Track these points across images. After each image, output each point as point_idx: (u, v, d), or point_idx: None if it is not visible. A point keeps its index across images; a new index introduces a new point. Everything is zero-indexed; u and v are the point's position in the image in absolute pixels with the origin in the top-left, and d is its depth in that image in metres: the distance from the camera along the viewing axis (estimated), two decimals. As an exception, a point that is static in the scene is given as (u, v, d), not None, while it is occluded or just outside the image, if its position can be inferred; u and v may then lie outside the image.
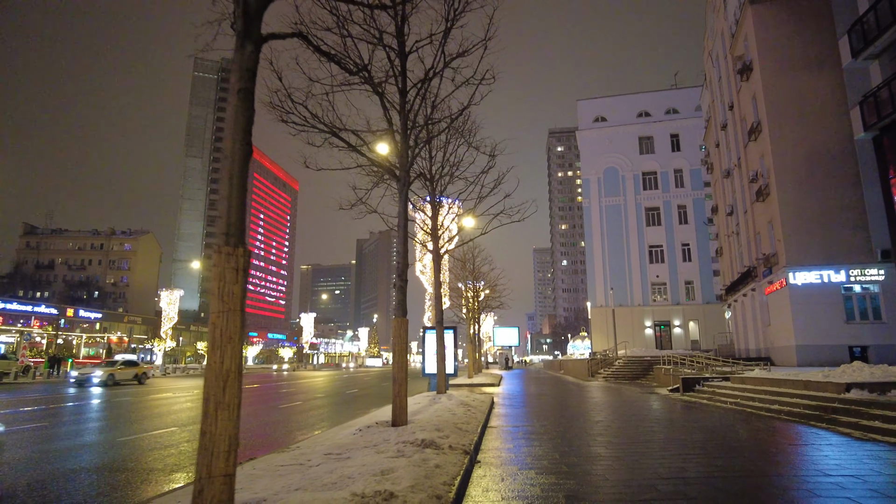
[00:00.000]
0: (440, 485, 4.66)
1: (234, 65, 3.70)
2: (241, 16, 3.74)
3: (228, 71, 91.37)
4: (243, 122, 3.58)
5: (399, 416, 8.13)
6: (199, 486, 3.13)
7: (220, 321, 3.33)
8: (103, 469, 6.84)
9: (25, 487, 5.83)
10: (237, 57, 3.70)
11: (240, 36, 3.71)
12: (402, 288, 8.58)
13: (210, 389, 3.23)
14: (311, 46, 4.99)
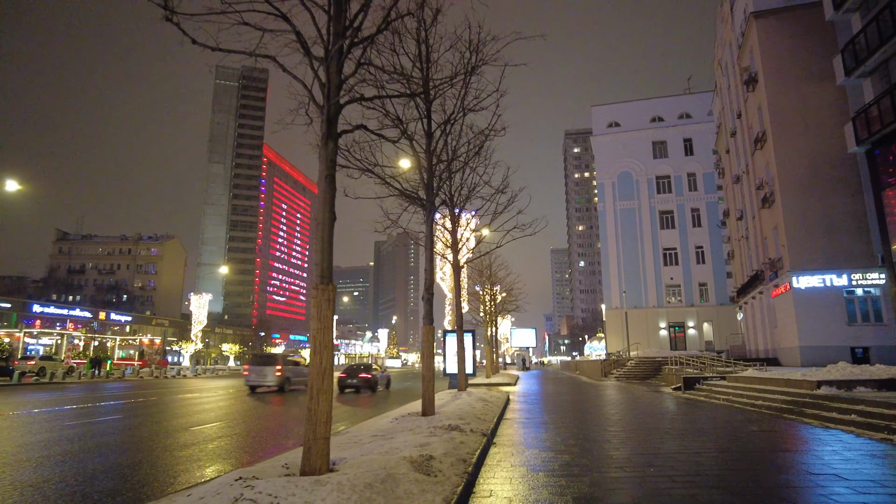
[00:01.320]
0: (465, 453, 6.30)
1: (320, 157, 5.37)
2: (325, 122, 5.40)
3: (249, 78, 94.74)
4: (330, 199, 5.24)
5: (428, 407, 9.78)
6: (307, 444, 4.80)
7: (318, 335, 5.01)
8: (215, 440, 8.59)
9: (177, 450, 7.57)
10: (322, 152, 5.37)
11: (324, 136, 5.38)
12: (430, 300, 10.23)
13: (313, 380, 4.90)
14: (368, 131, 6.65)
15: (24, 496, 5.44)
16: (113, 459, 7.38)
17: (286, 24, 5.76)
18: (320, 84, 5.69)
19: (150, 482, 6.10)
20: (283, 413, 14.80)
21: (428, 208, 10.39)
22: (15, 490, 5.68)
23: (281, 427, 11.54)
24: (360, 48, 6.03)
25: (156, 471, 6.75)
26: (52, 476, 6.34)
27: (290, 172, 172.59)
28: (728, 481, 5.76)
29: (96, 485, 5.96)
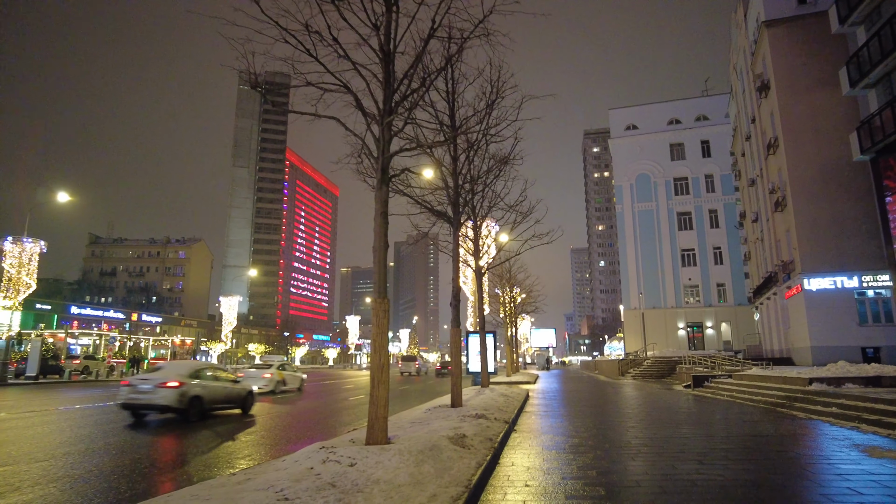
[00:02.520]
0: (491, 435, 7.70)
1: (376, 198, 6.81)
2: (379, 170, 6.85)
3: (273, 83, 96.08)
4: (384, 231, 6.69)
5: (456, 399, 11.19)
6: (371, 422, 6.25)
7: (377, 338, 6.46)
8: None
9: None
10: (377, 194, 6.81)
11: (378, 182, 6.82)
12: (457, 307, 11.64)
13: (374, 373, 6.35)
14: (411, 172, 8.09)
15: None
16: (202, 440, 8.93)
17: (343, 88, 7.22)
18: (374, 138, 7.15)
19: (248, 455, 7.62)
20: (312, 409, 16.34)
21: (455, 225, 11.80)
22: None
23: (316, 420, 13.05)
24: (404, 107, 7.46)
25: (235, 449, 8.28)
26: (159, 448, 7.90)
27: (312, 175, 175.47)
28: (706, 455, 7.06)
29: (209, 455, 7.50)
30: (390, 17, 7.20)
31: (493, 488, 5.46)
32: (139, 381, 12.20)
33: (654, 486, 5.49)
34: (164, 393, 11.48)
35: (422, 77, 7.96)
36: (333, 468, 5.09)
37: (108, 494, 5.51)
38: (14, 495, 5.38)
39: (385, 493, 4.36)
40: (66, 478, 6.17)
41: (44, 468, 6.65)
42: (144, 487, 5.78)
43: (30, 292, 32.81)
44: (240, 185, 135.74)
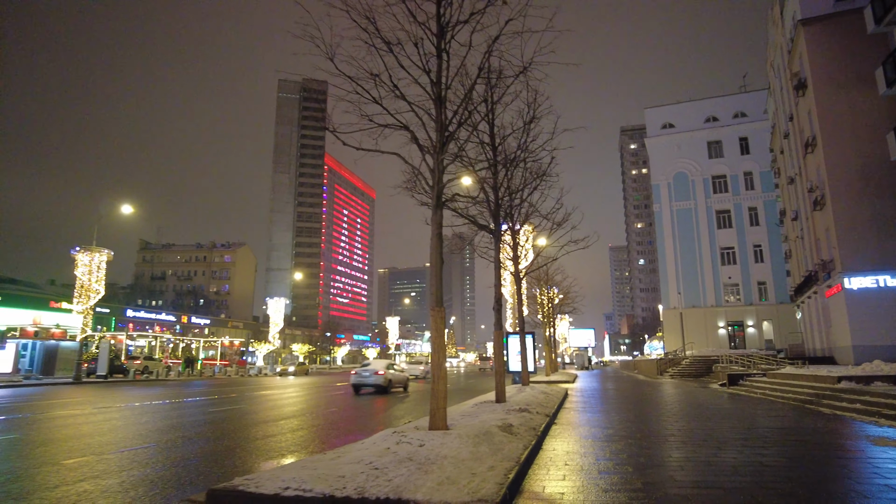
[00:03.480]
0: (534, 425, 8.78)
1: (432, 220, 7.98)
2: (435, 197, 8.01)
3: (309, 90, 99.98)
4: (440, 249, 7.85)
5: (500, 396, 12.29)
6: (433, 411, 7.42)
7: (436, 341, 7.64)
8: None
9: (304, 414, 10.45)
10: (433, 217, 7.98)
11: (434, 208, 7.98)
12: (499, 310, 12.73)
13: (435, 370, 7.53)
14: (461, 196, 9.25)
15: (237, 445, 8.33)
16: (274, 429, 10.32)
17: (399, 125, 8.44)
18: (429, 169, 8.34)
19: (327, 438, 8.92)
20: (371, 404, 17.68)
21: (496, 236, 12.91)
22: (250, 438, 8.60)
23: (373, 413, 14.36)
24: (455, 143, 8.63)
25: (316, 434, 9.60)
26: (246, 434, 9.28)
27: (349, 178, 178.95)
28: (727, 443, 7.97)
29: (302, 436, 8.84)
30: (441, 64, 8.37)
31: (538, 466, 6.55)
32: (362, 370, 22.01)
33: (676, 466, 6.48)
34: (376, 378, 21.45)
35: (468, 112, 9.11)
36: (406, 448, 6.28)
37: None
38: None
39: (453, 464, 5.51)
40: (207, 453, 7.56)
41: (168, 450, 8.08)
42: (273, 455, 7.11)
43: (99, 298, 35.47)
44: (281, 191, 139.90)
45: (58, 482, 5.90)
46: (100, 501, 5.15)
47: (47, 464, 6.91)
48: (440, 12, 8.59)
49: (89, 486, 5.70)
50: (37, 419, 11.85)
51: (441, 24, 8.60)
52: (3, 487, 5.70)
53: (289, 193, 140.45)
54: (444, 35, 8.57)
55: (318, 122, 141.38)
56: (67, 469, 6.58)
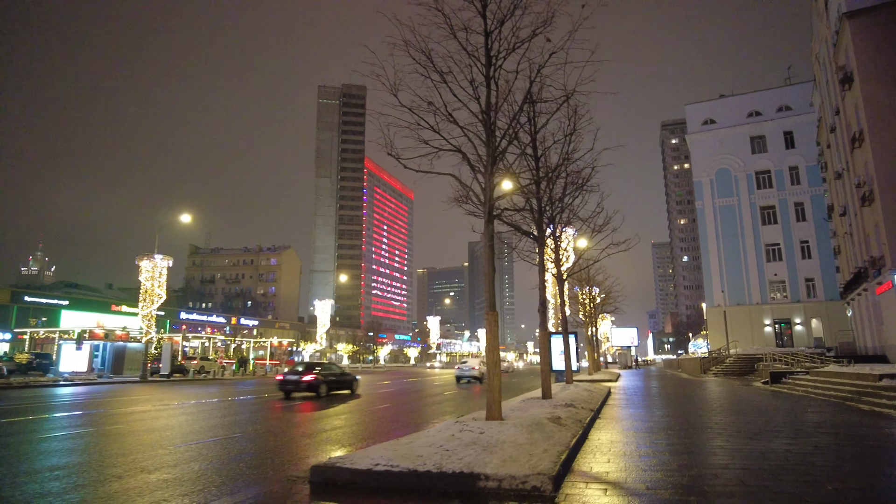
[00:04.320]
0: (580, 418, 9.64)
1: (484, 233, 8.94)
2: (486, 213, 8.96)
3: (348, 95, 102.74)
4: (492, 260, 8.80)
5: (546, 392, 13.14)
6: (489, 404, 8.38)
7: (490, 343, 8.60)
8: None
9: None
10: (485, 230, 8.93)
11: (485, 223, 8.94)
12: (544, 312, 13.58)
13: (490, 367, 8.49)
14: (511, 211, 10.18)
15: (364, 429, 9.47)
16: (351, 420, 11.47)
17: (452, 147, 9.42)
18: (480, 187, 9.30)
19: (401, 427, 10.01)
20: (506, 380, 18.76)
21: (540, 242, 13.76)
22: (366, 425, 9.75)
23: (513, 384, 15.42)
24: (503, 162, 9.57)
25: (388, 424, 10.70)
26: (353, 421, 10.44)
27: (388, 181, 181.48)
28: (759, 434, 8.64)
29: (369, 428, 9.95)
30: (489, 92, 9.32)
31: (585, 451, 7.42)
32: (464, 366, 30.15)
33: (709, 452, 7.25)
34: (472, 371, 29.09)
35: (514, 132, 10.03)
36: (469, 434, 7.25)
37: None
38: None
39: (512, 447, 6.45)
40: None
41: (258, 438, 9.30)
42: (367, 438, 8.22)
43: (161, 302, 37.86)
44: (323, 195, 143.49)
45: (166, 463, 7.13)
46: (224, 470, 6.32)
47: (158, 446, 8.20)
48: (488, 45, 9.55)
49: (198, 466, 6.90)
50: (131, 413, 13.38)
51: (489, 55, 9.56)
52: (134, 465, 6.95)
53: (331, 197, 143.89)
54: (492, 65, 9.53)
55: (358, 126, 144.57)
56: (177, 452, 7.83)
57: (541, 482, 5.16)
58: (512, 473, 5.29)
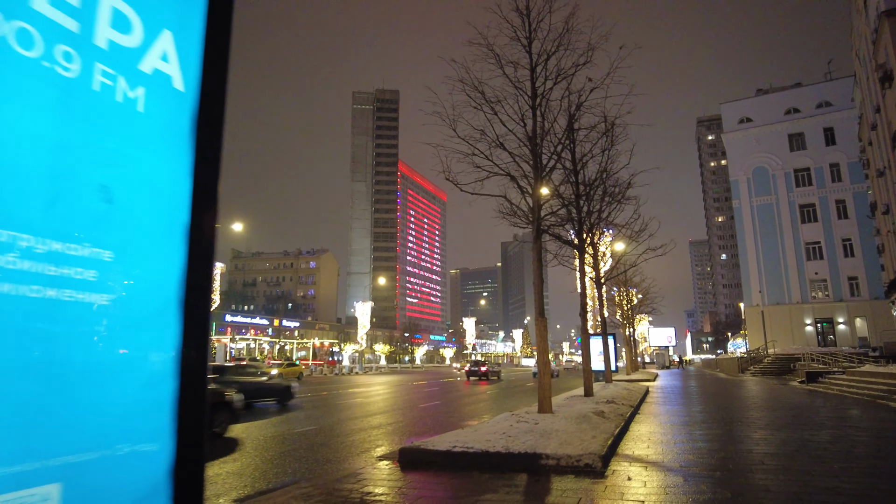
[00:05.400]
0: (621, 412, 10.73)
1: (533, 248, 10.12)
2: (534, 230, 10.14)
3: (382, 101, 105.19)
4: (540, 273, 9.98)
5: (588, 390, 14.22)
6: (540, 399, 9.56)
7: (541, 345, 9.78)
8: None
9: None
10: (533, 246, 10.11)
11: (533, 240, 10.11)
12: (584, 316, 14.68)
13: (541, 366, 9.67)
14: (556, 224, 11.34)
15: (392, 427, 10.79)
16: (422, 415, 12.79)
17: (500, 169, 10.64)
18: (528, 206, 10.48)
19: (460, 420, 11.29)
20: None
21: (580, 251, 14.84)
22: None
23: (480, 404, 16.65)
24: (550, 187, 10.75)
25: (450, 417, 12.00)
26: (391, 420, 11.79)
27: (421, 183, 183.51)
28: (785, 426, 9.57)
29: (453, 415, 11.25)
30: (535, 122, 10.50)
31: (627, 440, 8.54)
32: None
33: (737, 440, 8.29)
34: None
35: (558, 155, 11.20)
36: (525, 425, 8.45)
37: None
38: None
39: (564, 434, 7.63)
40: (352, 432, 10.10)
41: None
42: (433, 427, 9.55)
43: (215, 307, 40.10)
44: (358, 198, 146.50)
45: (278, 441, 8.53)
46: (319, 454, 7.69)
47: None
48: (533, 79, 10.75)
49: (302, 445, 8.30)
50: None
51: (534, 87, 10.75)
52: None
53: (366, 200, 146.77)
54: (537, 96, 10.71)
55: (391, 129, 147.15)
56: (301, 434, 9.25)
57: (592, 460, 6.33)
58: (568, 453, 6.47)
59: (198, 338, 1.59)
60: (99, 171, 1.46)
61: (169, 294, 1.57)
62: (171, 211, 1.63)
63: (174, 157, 1.66)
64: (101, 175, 1.46)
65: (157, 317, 1.55)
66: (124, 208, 1.50)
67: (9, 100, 1.23)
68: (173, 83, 1.67)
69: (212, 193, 1.70)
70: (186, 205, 1.67)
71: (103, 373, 1.41)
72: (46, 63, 1.32)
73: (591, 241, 17.12)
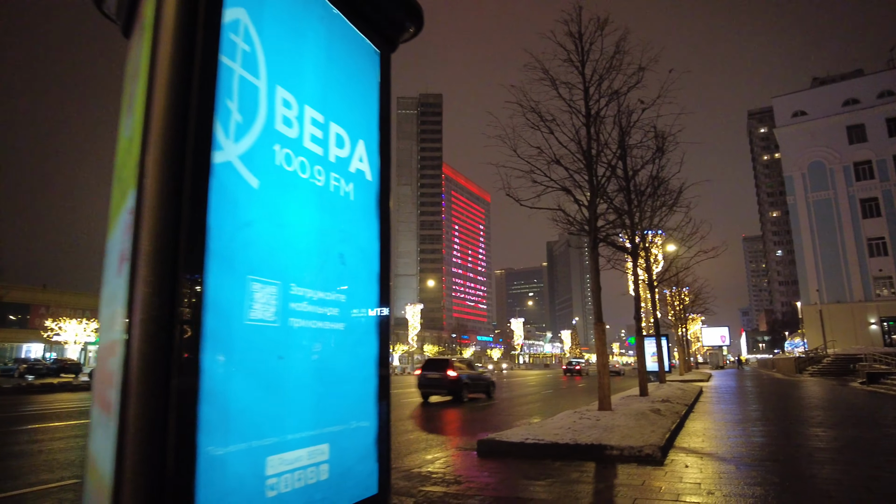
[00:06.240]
0: (676, 410, 11.43)
1: (590, 258, 10.95)
2: (591, 241, 10.98)
3: (426, 105, 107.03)
4: (598, 281, 10.80)
5: (643, 390, 14.89)
6: (601, 398, 10.40)
7: (600, 347, 10.61)
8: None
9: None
10: (591, 255, 10.94)
11: (590, 251, 10.95)
12: (638, 319, 15.32)
13: (600, 368, 10.50)
14: (613, 230, 12.14)
15: (461, 423, 11.83)
16: (488, 413, 13.80)
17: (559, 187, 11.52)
18: (584, 218, 11.32)
19: (517, 419, 12.24)
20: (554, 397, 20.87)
21: (634, 257, 15.52)
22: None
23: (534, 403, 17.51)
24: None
25: (508, 416, 12.97)
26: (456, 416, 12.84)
27: (465, 184, 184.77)
28: (836, 424, 10.07)
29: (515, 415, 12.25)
30: (590, 142, 11.34)
31: (682, 435, 9.29)
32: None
33: (786, 435, 8.90)
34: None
35: (612, 169, 12.01)
36: (587, 421, 9.32)
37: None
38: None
39: (626, 429, 8.47)
40: (427, 427, 11.17)
41: (408, 423, 11.80)
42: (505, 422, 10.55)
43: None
44: (405, 202, 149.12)
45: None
46: (412, 443, 8.77)
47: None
48: (587, 99, 11.60)
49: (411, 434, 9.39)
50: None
51: (588, 107, 11.59)
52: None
53: (411, 203, 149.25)
54: (590, 115, 11.55)
55: (435, 133, 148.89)
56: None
57: (652, 450, 7.17)
58: (630, 444, 7.33)
59: (384, 349, 2.62)
60: (339, 244, 2.51)
61: (371, 321, 2.61)
62: (371, 264, 2.68)
63: (369, 227, 2.70)
64: (340, 246, 2.51)
65: (366, 336, 2.59)
66: (350, 266, 2.55)
67: (298, 207, 2.24)
68: (366, 176, 2.71)
69: (387, 247, 2.73)
70: (377, 258, 2.71)
71: (344, 375, 2.44)
72: (311, 179, 2.35)
73: (644, 245, 17.74)
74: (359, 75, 2.78)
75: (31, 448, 8.67)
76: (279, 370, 2.11)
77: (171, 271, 1.62)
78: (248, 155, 2.02)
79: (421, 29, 3.15)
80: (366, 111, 2.83)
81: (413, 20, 2.99)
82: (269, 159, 2.15)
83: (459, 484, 5.86)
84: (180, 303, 1.63)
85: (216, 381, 1.76)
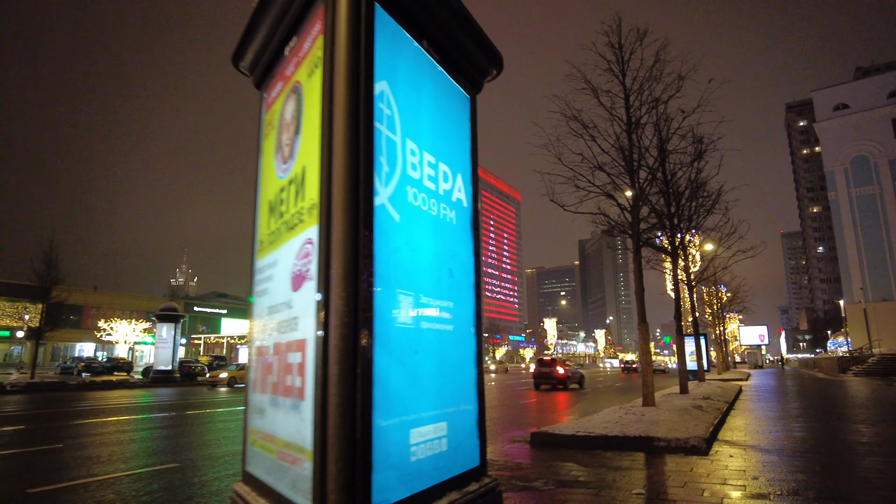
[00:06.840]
0: (717, 406, 11.77)
1: (634, 261, 11.39)
2: (634, 244, 11.40)
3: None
4: (641, 283, 11.24)
5: (684, 388, 15.19)
6: (644, 394, 10.85)
7: (643, 346, 11.04)
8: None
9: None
10: (634, 258, 11.38)
11: (634, 254, 11.39)
12: (679, 319, 15.61)
13: (643, 367, 10.93)
14: (654, 233, 12.54)
15: (508, 418, 12.42)
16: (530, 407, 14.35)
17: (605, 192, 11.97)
18: (627, 222, 11.76)
19: (563, 414, 12.75)
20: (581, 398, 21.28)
21: (674, 257, 15.82)
22: (499, 417, 12.74)
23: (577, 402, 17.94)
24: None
25: (552, 413, 13.48)
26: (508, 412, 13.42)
27: (495, 183, 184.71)
28: (876, 421, 10.27)
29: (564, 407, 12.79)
30: (631, 148, 11.77)
31: (724, 429, 9.68)
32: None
33: (824, 430, 9.20)
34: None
35: (653, 176, 12.41)
36: (632, 416, 9.78)
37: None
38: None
39: (670, 423, 8.92)
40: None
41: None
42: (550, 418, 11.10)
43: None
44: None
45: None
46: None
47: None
48: (628, 108, 12.02)
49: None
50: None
51: (629, 115, 12.01)
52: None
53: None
54: (631, 123, 11.97)
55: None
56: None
57: (697, 442, 7.62)
58: (676, 437, 7.80)
59: (480, 347, 3.22)
60: (448, 261, 3.13)
61: (471, 323, 3.21)
62: (469, 276, 3.29)
63: (467, 246, 3.31)
64: (449, 263, 3.13)
65: (468, 336, 3.20)
66: (456, 278, 3.16)
67: (422, 233, 2.85)
68: (463, 203, 3.33)
69: (479, 262, 3.33)
70: (473, 271, 3.31)
71: (455, 367, 3.06)
72: (428, 210, 2.98)
73: (682, 246, 17.98)
74: (456, 118, 3.43)
75: (132, 437, 9.62)
76: (416, 362, 2.75)
77: (354, 288, 2.27)
78: (393, 197, 2.68)
79: (501, 72, 3.77)
80: (462, 148, 3.48)
81: (495, 65, 3.62)
82: (404, 198, 2.79)
83: (521, 469, 6.44)
84: (360, 311, 2.28)
85: (380, 370, 2.42)
